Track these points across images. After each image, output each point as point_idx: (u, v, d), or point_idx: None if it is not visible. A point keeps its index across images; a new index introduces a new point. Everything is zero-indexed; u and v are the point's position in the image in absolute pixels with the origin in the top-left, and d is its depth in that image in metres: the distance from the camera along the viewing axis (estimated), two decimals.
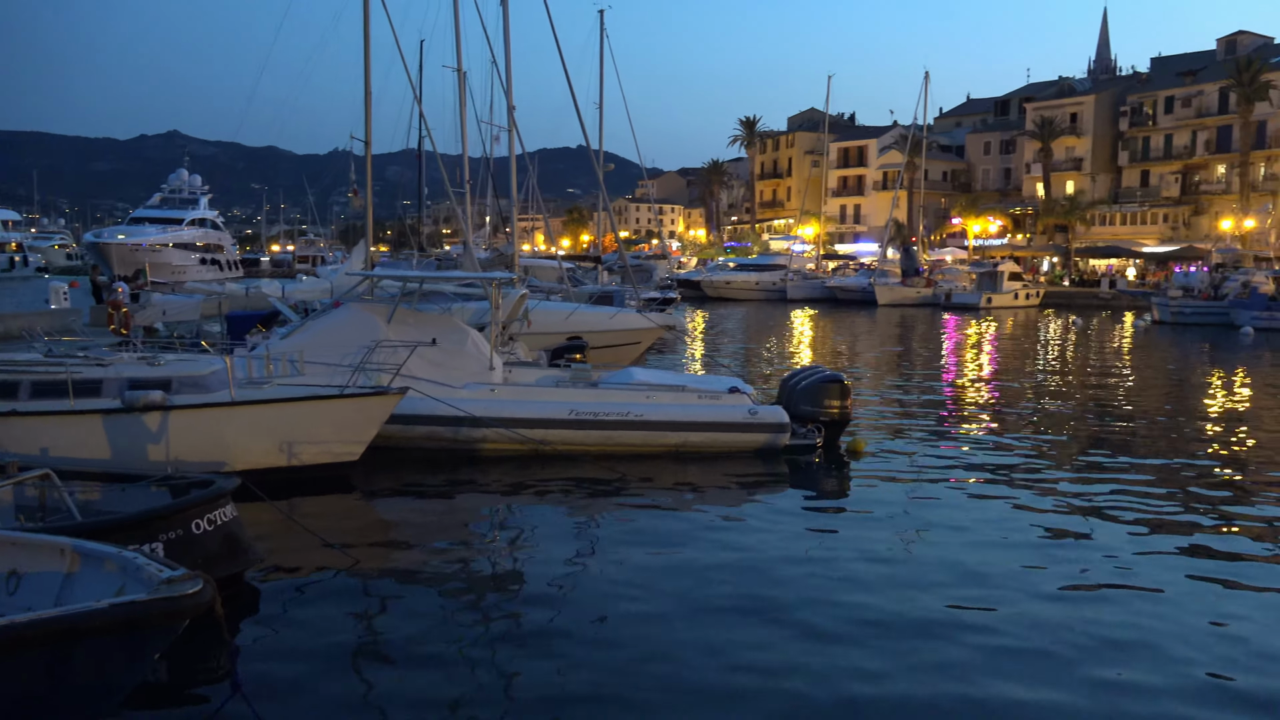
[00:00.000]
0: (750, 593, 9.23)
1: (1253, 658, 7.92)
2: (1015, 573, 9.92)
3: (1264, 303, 45.89)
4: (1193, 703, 7.16)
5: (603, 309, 27.77)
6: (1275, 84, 69.38)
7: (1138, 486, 13.67)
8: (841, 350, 34.80)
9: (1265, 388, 25.56)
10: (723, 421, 14.97)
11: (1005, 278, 62.32)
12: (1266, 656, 7.94)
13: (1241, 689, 7.37)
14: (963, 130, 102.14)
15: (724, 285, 69.90)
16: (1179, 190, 78.11)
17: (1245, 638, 8.32)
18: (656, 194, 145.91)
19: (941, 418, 19.63)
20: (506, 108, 27.25)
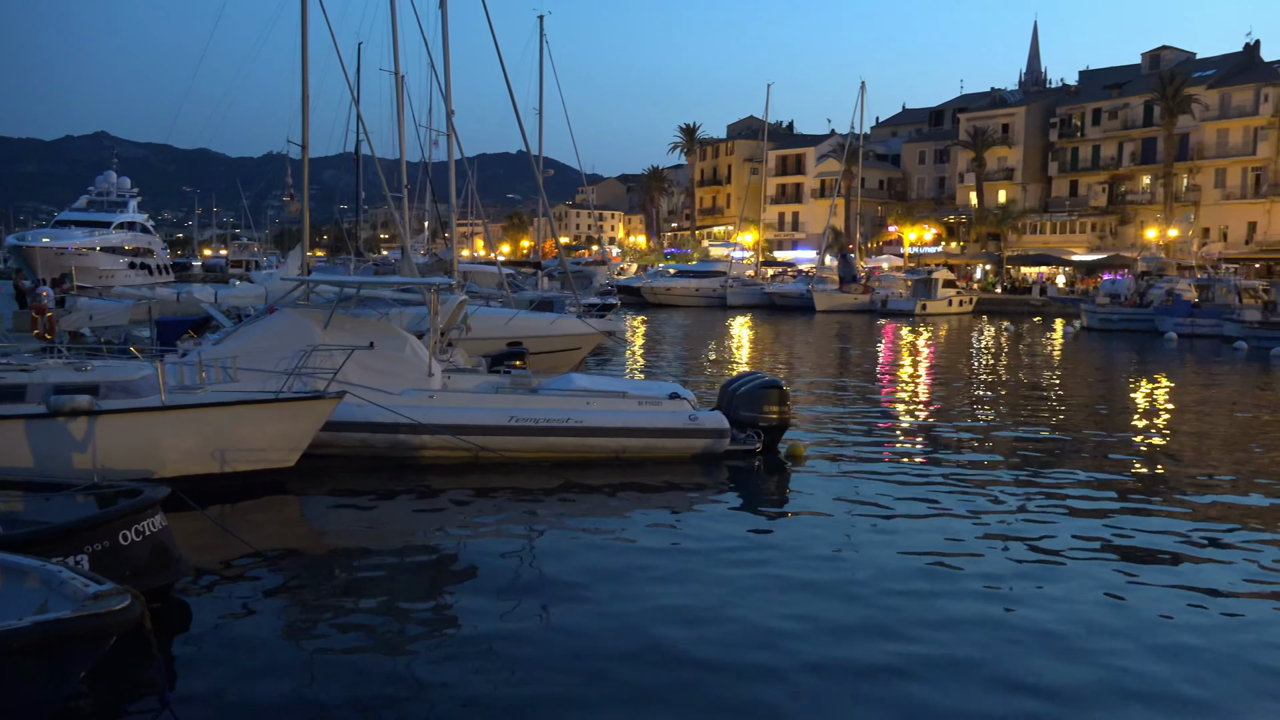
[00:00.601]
0: (692, 596, 9.23)
1: (1186, 661, 8.12)
2: (951, 574, 10.06)
3: (1187, 310, 47.25)
4: (1113, 700, 7.32)
5: (543, 315, 27.67)
6: (1197, 98, 71.63)
7: (1068, 488, 13.96)
8: (780, 356, 35.09)
9: (1188, 392, 26.30)
10: (663, 427, 14.99)
11: (940, 285, 63.39)
12: (1192, 657, 8.15)
13: (1165, 692, 7.56)
14: (898, 140, 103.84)
15: (664, 291, 70.12)
16: (1106, 200, 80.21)
17: (1174, 635, 8.53)
18: (597, 200, 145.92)
19: (878, 422, 19.87)
20: (445, 112, 27.08)
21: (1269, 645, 8.35)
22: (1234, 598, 9.49)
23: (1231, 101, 73.24)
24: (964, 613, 8.98)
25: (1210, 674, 7.75)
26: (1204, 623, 8.84)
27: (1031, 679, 7.59)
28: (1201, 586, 9.74)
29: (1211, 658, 8.05)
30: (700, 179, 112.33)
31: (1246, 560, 10.67)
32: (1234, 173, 72.99)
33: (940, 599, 9.32)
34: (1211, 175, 74.21)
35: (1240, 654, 8.15)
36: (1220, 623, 8.86)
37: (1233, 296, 46.79)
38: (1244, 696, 7.41)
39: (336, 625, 8.52)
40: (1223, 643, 8.37)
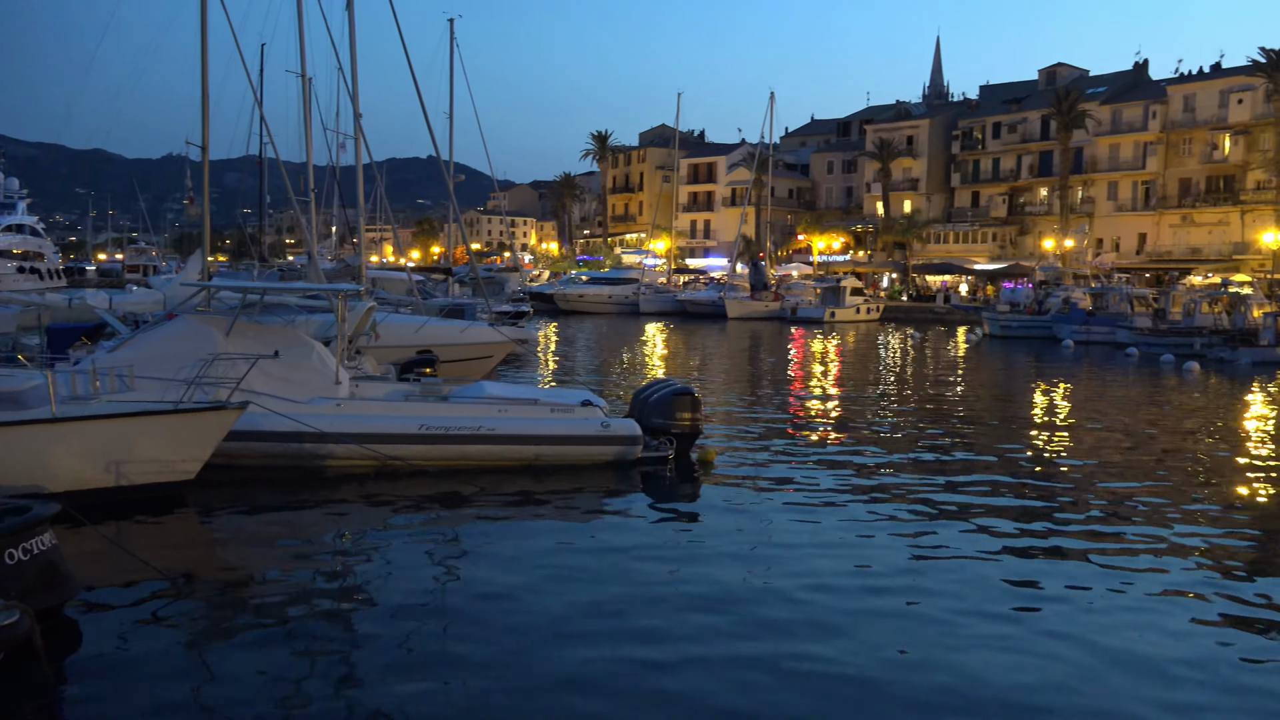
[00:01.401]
0: (604, 605, 9.19)
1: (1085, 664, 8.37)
2: (858, 575, 10.21)
3: (1082, 317, 48.98)
4: (1016, 697, 7.52)
5: (454, 322, 27.35)
6: (1091, 114, 74.44)
7: (972, 489, 14.32)
8: (693, 363, 35.31)
9: (1083, 396, 27.24)
10: (576, 435, 14.93)
11: (848, 293, 64.60)
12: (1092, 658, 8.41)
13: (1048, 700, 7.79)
14: (807, 149, 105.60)
15: (577, 298, 70.04)
16: (1006, 211, 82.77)
17: (1070, 632, 8.79)
18: (508, 206, 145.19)
19: (789, 428, 20.12)
20: (353, 115, 26.59)
21: (1154, 643, 8.66)
22: (1118, 593, 9.83)
23: (1122, 117, 76.32)
24: (873, 610, 9.12)
25: (1102, 674, 8.01)
26: (1102, 622, 9.12)
27: (937, 676, 7.74)
28: (1095, 584, 10.06)
29: (1108, 658, 8.32)
30: (612, 186, 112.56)
31: (1134, 558, 11.07)
32: (1125, 186, 76.06)
33: (849, 599, 9.46)
34: (1105, 188, 77.19)
35: (1126, 652, 8.44)
36: (1115, 622, 9.16)
37: (1125, 305, 48.67)
38: (1130, 698, 7.68)
39: (237, 644, 8.25)
40: (1115, 641, 8.65)
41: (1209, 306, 44.67)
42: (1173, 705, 7.46)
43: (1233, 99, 69.54)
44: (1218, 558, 11.20)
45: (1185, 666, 8.12)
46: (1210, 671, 8.04)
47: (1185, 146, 72.97)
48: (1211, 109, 71.20)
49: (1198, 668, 8.10)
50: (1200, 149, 71.77)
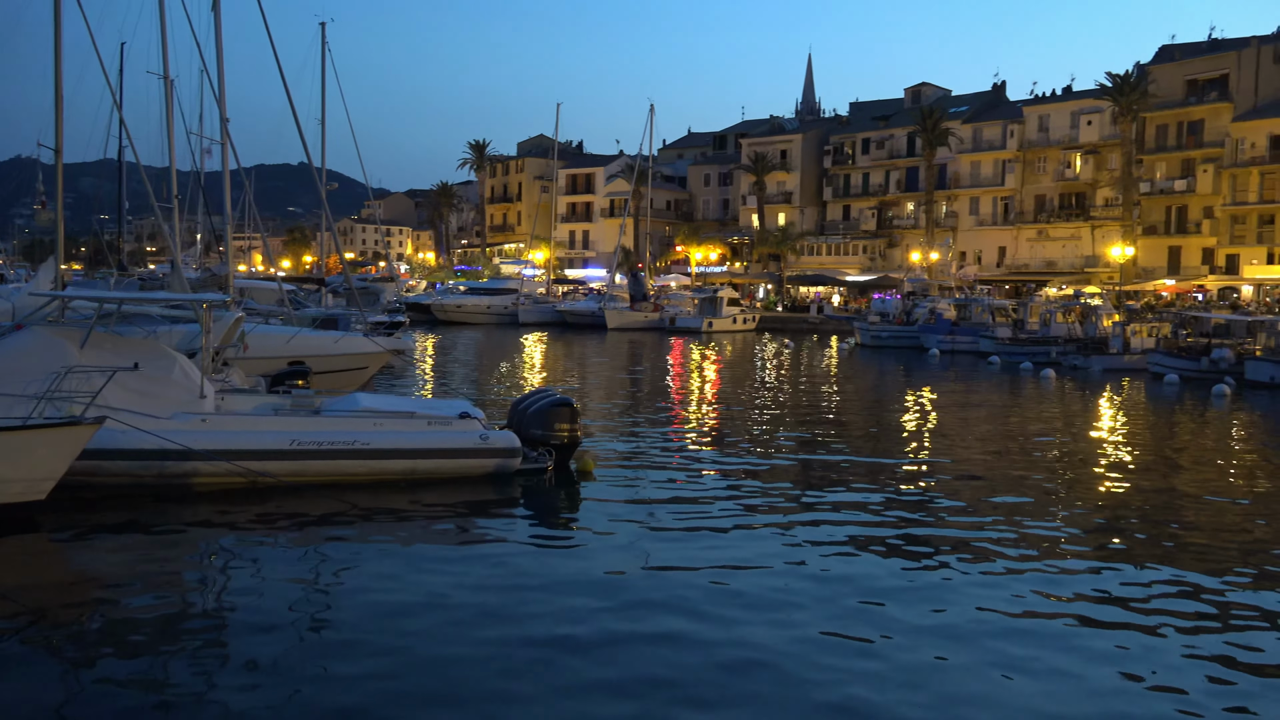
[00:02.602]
0: (485, 619, 9.07)
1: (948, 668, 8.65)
2: (738, 582, 10.33)
3: (947, 327, 50.85)
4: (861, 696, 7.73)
5: (327, 333, 26.66)
6: (953, 132, 77.52)
7: (847, 494, 14.68)
8: (572, 373, 35.27)
9: (950, 403, 28.28)
10: (453, 447, 14.71)
11: (725, 303, 65.51)
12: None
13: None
14: (684, 162, 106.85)
15: (454, 309, 69.13)
16: (876, 224, 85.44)
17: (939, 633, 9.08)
18: (384, 215, 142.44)
19: (669, 437, 20.26)
20: (219, 119, 25.67)
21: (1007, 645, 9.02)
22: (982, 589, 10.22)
23: (983, 136, 79.76)
24: (751, 615, 9.24)
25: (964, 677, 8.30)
26: (974, 625, 9.46)
27: (829, 688, 7.88)
28: (961, 582, 10.43)
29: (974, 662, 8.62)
30: (491, 196, 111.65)
31: (995, 555, 11.53)
32: (986, 201, 79.45)
33: (729, 607, 9.56)
34: (967, 203, 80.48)
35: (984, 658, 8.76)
36: (981, 624, 9.50)
37: (987, 315, 50.76)
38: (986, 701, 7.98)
39: (94, 680, 7.81)
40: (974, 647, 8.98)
41: (1063, 317, 46.94)
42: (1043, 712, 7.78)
43: (1083, 120, 73.43)
44: (1079, 554, 11.75)
45: (1049, 663, 8.47)
46: (1066, 666, 8.42)
47: (1040, 165, 76.67)
48: (1064, 129, 75.02)
49: (1054, 651, 8.46)
50: (1054, 167, 75.51)
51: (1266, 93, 66.15)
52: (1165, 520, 13.98)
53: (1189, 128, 68.43)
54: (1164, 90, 68.56)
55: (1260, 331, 36.77)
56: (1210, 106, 66.75)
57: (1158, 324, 42.39)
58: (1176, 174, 68.70)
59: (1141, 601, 10.09)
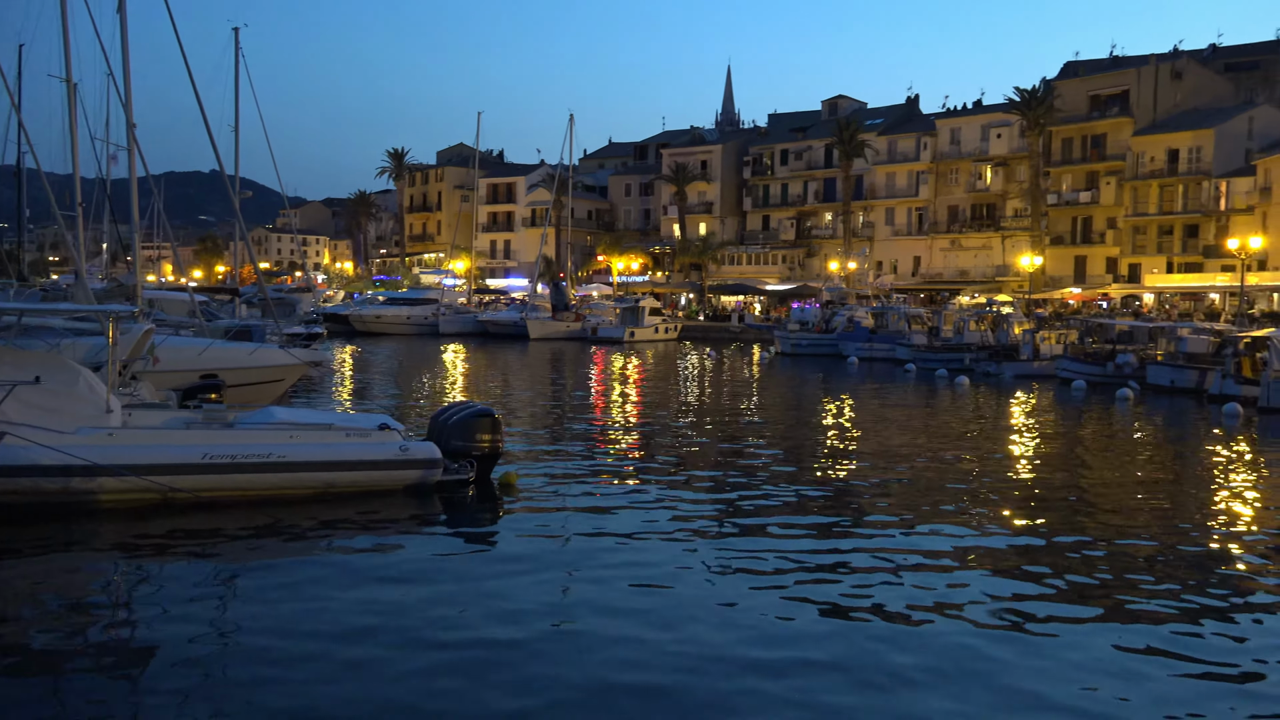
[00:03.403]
0: (405, 633, 8.92)
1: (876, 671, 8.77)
2: (662, 595, 10.35)
3: (865, 335, 51.73)
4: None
5: (241, 344, 26.03)
6: (869, 144, 79.07)
7: (769, 500, 14.83)
8: (494, 384, 35.02)
9: (868, 409, 28.77)
10: (372, 460, 14.47)
11: (646, 313, 65.69)
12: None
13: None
14: (605, 172, 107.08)
15: (373, 319, 68.13)
16: (795, 234, 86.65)
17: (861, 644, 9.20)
18: (300, 224, 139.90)
19: (592, 447, 20.23)
20: (126, 124, 24.93)
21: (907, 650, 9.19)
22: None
23: (897, 148, 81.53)
24: (669, 634, 9.25)
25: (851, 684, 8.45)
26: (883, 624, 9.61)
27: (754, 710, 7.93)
28: (879, 587, 10.61)
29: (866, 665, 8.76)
30: (410, 205, 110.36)
31: (915, 554, 11.75)
32: (901, 212, 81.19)
33: (651, 618, 9.56)
34: (883, 213, 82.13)
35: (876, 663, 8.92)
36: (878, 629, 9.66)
37: (903, 323, 51.76)
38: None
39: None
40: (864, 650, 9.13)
41: (976, 324, 48.07)
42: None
43: (993, 133, 75.55)
44: (991, 553, 12.03)
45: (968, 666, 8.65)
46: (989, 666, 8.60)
47: (953, 176, 78.63)
48: (975, 142, 77.07)
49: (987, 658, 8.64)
50: (966, 179, 77.51)
51: (1164, 108, 68.87)
52: (1071, 516, 14.38)
53: (1093, 141, 70.92)
54: (1069, 105, 70.93)
55: (1160, 337, 38.15)
56: (1112, 121, 69.26)
57: (1065, 331, 43.70)
58: (1081, 186, 71.10)
59: (1050, 595, 10.37)
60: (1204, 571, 11.64)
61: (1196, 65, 73.35)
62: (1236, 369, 30.83)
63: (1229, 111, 66.61)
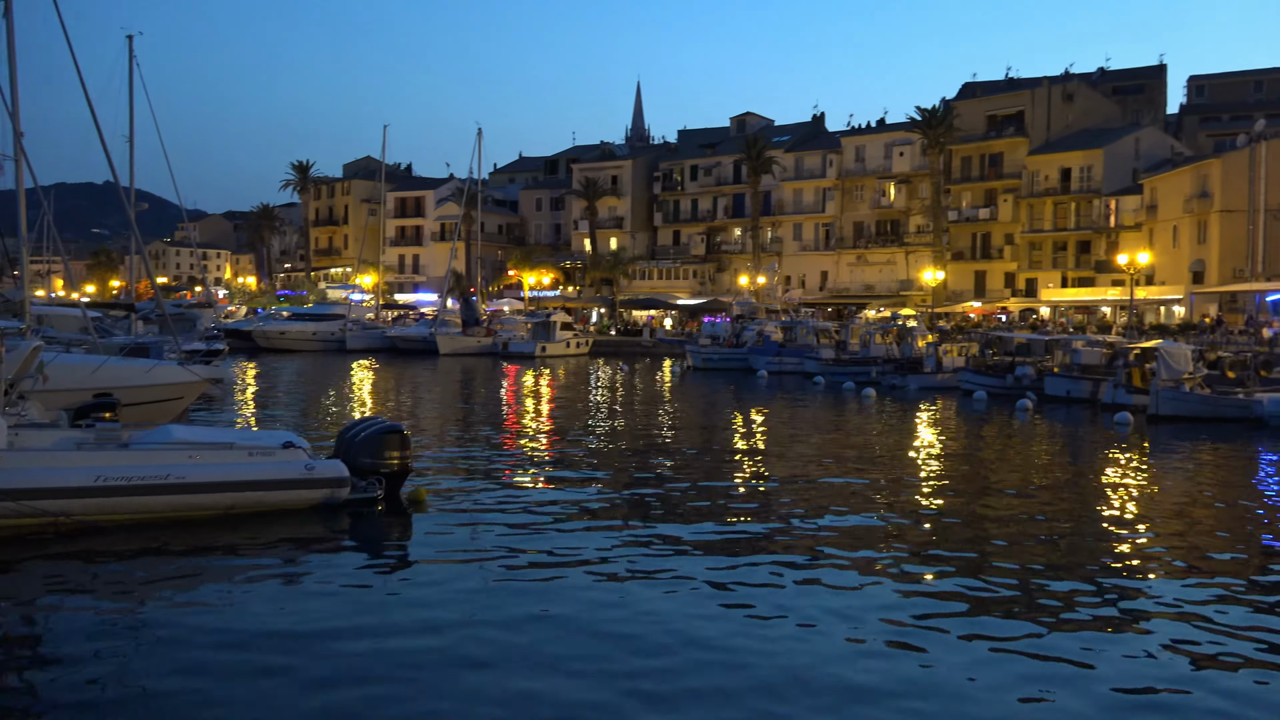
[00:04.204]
0: (314, 657, 8.67)
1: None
2: (573, 607, 10.26)
3: (775, 349, 52.41)
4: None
5: (138, 362, 25.13)
6: (777, 160, 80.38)
7: (681, 514, 14.85)
8: (403, 400, 34.47)
9: (779, 422, 29.10)
10: (277, 479, 14.07)
11: (558, 328, 65.51)
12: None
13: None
14: (516, 186, 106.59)
15: (278, 335, 66.50)
16: (705, 249, 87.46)
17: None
18: (200, 237, 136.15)
19: (503, 463, 20.03)
20: (12, 133, 23.89)
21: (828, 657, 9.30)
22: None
23: (804, 165, 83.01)
24: (581, 647, 9.18)
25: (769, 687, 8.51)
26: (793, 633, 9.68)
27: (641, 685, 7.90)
28: (790, 598, 10.70)
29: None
30: (315, 218, 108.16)
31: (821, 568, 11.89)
32: (808, 227, 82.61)
33: (562, 632, 9.48)
34: (791, 229, 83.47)
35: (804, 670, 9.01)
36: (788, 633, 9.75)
37: (812, 337, 52.59)
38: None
39: None
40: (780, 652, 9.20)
41: (882, 338, 49.08)
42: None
43: (896, 151, 77.48)
44: (896, 558, 12.24)
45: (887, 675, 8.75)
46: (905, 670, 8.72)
47: (858, 193, 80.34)
48: (879, 160, 78.92)
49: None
50: (870, 195, 79.28)
51: (1057, 129, 71.55)
52: (972, 523, 14.73)
53: (990, 160, 73.29)
54: (968, 124, 73.18)
55: (1056, 350, 39.48)
56: (1008, 141, 71.69)
57: (967, 344, 44.94)
58: (980, 203, 73.37)
59: (948, 594, 10.58)
60: (1096, 573, 12.02)
61: (1086, 88, 76.43)
62: (1127, 379, 32.07)
63: (1117, 132, 69.54)
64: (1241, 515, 16.39)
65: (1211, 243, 55.02)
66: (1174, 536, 14.46)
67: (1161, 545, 13.86)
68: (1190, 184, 57.11)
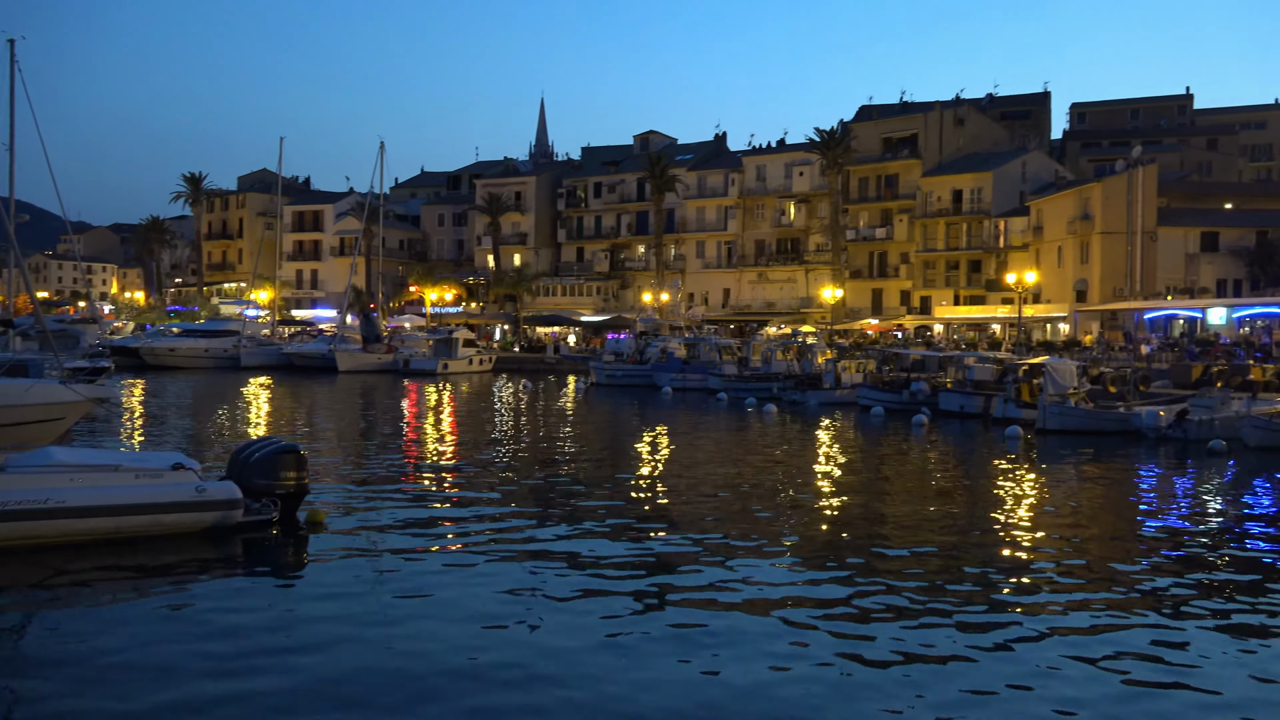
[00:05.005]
0: (201, 686, 8.36)
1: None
2: (474, 626, 10.13)
3: (679, 366, 52.77)
4: None
5: (15, 380, 23.98)
6: (680, 178, 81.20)
7: (579, 531, 14.80)
8: (300, 419, 33.64)
9: (682, 438, 29.27)
10: (166, 502, 13.58)
11: (461, 344, 64.81)
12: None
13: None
14: (418, 201, 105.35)
15: (167, 353, 64.25)
16: (609, 266, 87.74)
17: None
18: (85, 251, 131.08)
19: (403, 483, 19.69)
20: None
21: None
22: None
23: (707, 183, 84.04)
24: (486, 664, 9.07)
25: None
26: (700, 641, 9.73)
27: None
28: (697, 613, 10.75)
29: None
30: (208, 232, 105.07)
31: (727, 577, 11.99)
32: (711, 245, 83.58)
33: (462, 655, 9.35)
34: (694, 246, 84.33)
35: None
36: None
37: (714, 354, 53.09)
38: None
39: None
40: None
41: (783, 354, 49.86)
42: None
43: (795, 171, 79.03)
44: (794, 565, 12.40)
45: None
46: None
47: (759, 211, 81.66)
48: (779, 179, 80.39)
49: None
50: (771, 214, 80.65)
51: (949, 151, 73.95)
52: (867, 533, 15.04)
53: (886, 181, 75.38)
54: (864, 146, 75.13)
55: (950, 366, 40.65)
56: (903, 162, 73.82)
57: (865, 360, 45.91)
58: (877, 223, 75.34)
59: (845, 600, 10.78)
60: (986, 581, 12.39)
61: (976, 113, 79.19)
62: (1017, 394, 33.18)
63: (1005, 156, 72.21)
64: (1122, 522, 17.09)
65: (1093, 263, 57.45)
66: (1059, 541, 14.96)
67: (1049, 548, 14.31)
68: (1073, 206, 59.59)
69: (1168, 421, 29.13)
